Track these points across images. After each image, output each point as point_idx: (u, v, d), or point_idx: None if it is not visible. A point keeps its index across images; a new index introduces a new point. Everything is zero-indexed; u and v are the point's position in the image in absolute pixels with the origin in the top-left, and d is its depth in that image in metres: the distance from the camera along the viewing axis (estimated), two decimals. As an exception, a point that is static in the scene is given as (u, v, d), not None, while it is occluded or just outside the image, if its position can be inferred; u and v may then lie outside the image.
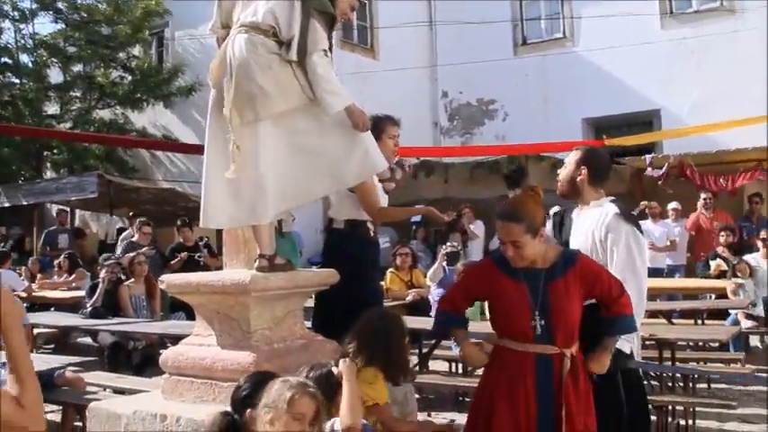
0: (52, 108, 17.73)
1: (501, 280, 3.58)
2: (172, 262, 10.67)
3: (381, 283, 8.43)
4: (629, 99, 16.23)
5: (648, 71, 16.17)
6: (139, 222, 11.30)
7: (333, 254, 4.94)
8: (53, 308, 10.69)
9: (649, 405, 4.55)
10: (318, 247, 5.64)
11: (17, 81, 17.56)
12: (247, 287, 3.91)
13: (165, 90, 16.82)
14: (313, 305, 4.99)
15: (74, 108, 17.51)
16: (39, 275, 12.14)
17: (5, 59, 17.36)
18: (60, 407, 5.98)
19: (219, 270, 4.87)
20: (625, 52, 15.86)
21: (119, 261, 9.77)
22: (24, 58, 17.67)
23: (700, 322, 8.37)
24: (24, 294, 10.13)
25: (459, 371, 7.26)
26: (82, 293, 9.94)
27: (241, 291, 3.95)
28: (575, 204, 4.33)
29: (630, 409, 3.92)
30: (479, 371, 4.27)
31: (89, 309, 8.89)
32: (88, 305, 8.98)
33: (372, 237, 5.06)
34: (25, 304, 8.59)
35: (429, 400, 6.87)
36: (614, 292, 3.55)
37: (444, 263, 8.87)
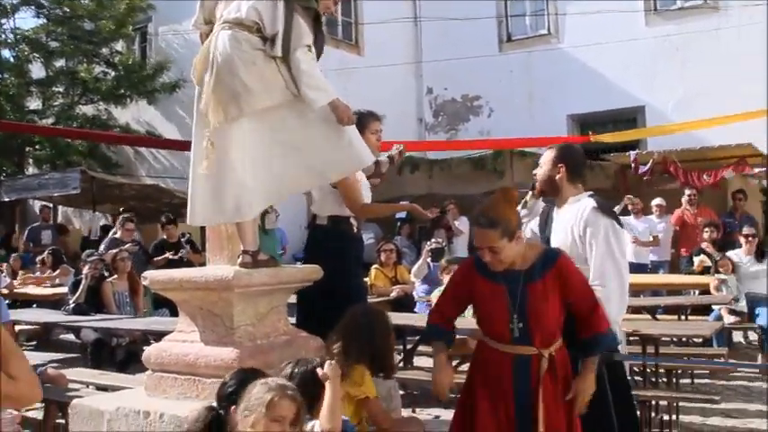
0: (34, 103, 17.57)
1: (480, 282, 3.58)
2: (155, 259, 10.61)
3: (365, 279, 8.43)
4: (613, 96, 16.28)
5: (633, 68, 16.23)
6: (123, 219, 11.23)
7: (316, 250, 4.92)
8: (35, 305, 10.62)
9: (634, 400, 4.56)
10: (303, 244, 5.61)
11: (-2, 76, 17.43)
12: (230, 283, 3.90)
13: (149, 86, 16.70)
14: (296, 301, 4.98)
15: (56, 104, 17.37)
16: (21, 272, 12.06)
17: (-14, 54, 17.23)
18: (42, 404, 5.92)
19: (203, 266, 4.85)
20: (610, 49, 15.90)
21: (102, 257, 9.70)
22: (6, 53, 17.48)
23: (683, 318, 8.41)
24: (6, 291, 10.06)
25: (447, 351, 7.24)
26: (65, 290, 9.87)
27: (224, 287, 3.94)
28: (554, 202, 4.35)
29: (616, 403, 3.93)
30: (465, 366, 4.27)
31: (72, 305, 8.84)
32: (71, 302, 8.92)
33: (356, 233, 5.05)
34: (7, 301, 8.52)
35: (414, 396, 6.86)
36: (588, 304, 3.51)
37: (429, 259, 8.88)
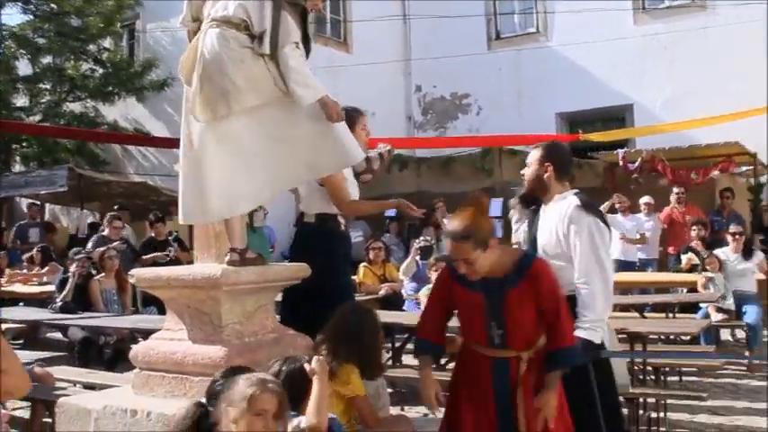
0: (21, 100, 17.47)
1: (458, 290, 3.61)
2: (143, 257, 10.58)
3: (354, 277, 8.43)
4: (602, 94, 16.31)
5: (621, 66, 16.27)
6: (110, 216, 11.20)
7: (303, 248, 4.90)
8: (22, 303, 10.56)
9: (620, 396, 4.58)
10: (291, 242, 5.59)
11: (-15, 73, 17.31)
12: (218, 281, 3.88)
13: (137, 83, 16.64)
14: (281, 299, 4.97)
15: (43, 101, 17.26)
16: (7, 270, 11.99)
17: (-27, 51, 17.11)
18: (29, 403, 5.90)
19: (191, 264, 4.84)
20: (598, 47, 15.93)
21: (89, 255, 9.67)
22: (-8, 49, 17.42)
23: (671, 316, 8.45)
24: (-7, 289, 10.03)
25: (433, 365, 7.25)
26: (52, 288, 9.83)
27: (212, 285, 3.92)
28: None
29: (602, 401, 3.95)
30: (451, 365, 4.28)
31: (59, 303, 8.79)
32: (58, 300, 8.88)
33: (343, 230, 5.04)
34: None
35: (402, 394, 6.86)
36: (553, 315, 3.48)
37: (417, 257, 8.88)
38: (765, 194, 13.14)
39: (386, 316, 6.39)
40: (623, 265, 11.01)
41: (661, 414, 6.13)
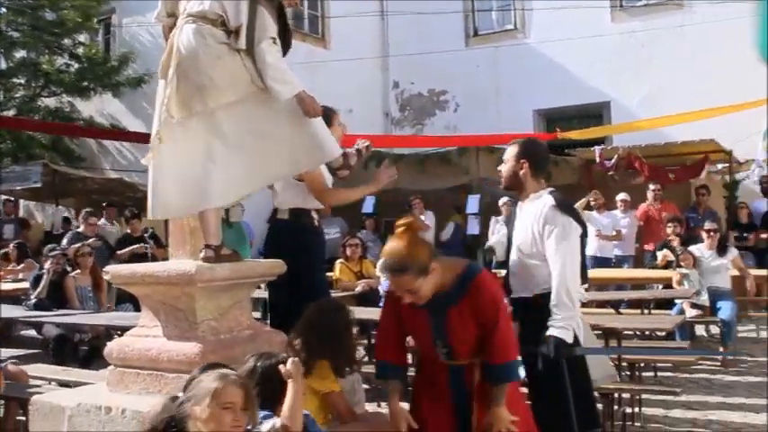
0: (-6, 95, 17.33)
1: (404, 309, 3.60)
2: (119, 252, 10.51)
3: (330, 273, 8.42)
4: (579, 91, 16.38)
5: (599, 63, 16.34)
6: (85, 213, 11.12)
7: (278, 244, 4.88)
8: (-5, 300, 10.46)
9: (595, 392, 4.61)
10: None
11: (-43, 67, 17.14)
12: (193, 278, 3.86)
13: (113, 79, 16.51)
14: (265, 295, 4.96)
15: (17, 96, 17.09)
16: (-18, 266, 11.87)
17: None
18: (2, 401, 5.84)
19: (166, 261, 4.81)
20: (576, 45, 16.00)
21: (64, 252, 9.59)
22: (-35, 43, 17.20)
23: (647, 312, 8.50)
24: (-35, 287, 9.90)
25: (409, 361, 7.26)
26: (26, 285, 9.73)
27: (187, 281, 3.90)
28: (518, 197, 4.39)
29: (575, 396, 3.98)
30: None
31: (33, 300, 8.71)
32: (32, 297, 8.80)
33: (317, 226, 5.03)
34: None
35: (378, 390, 6.84)
36: (489, 330, 3.46)
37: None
38: (741, 192, 13.24)
39: (362, 312, 6.39)
40: (599, 262, 11.10)
41: (636, 409, 6.18)
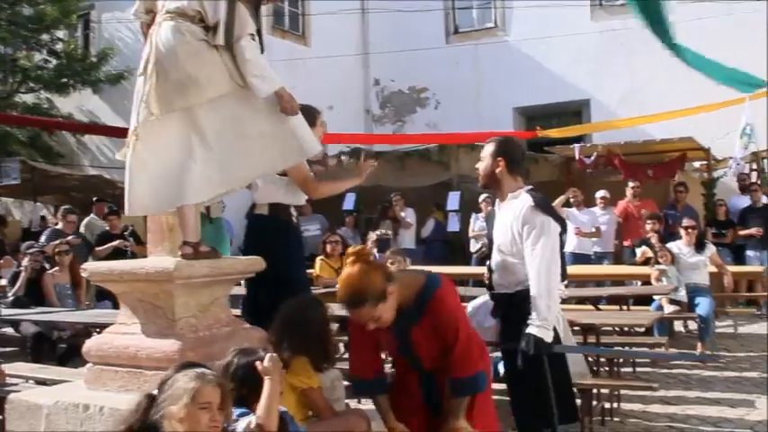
0: (-29, 91, 17.16)
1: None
2: (98, 249, 10.44)
3: (311, 270, 8.41)
4: (559, 89, 16.45)
5: (579, 62, 16.40)
6: (64, 210, 11.03)
7: (258, 240, 4.87)
8: (-27, 297, 10.38)
9: (573, 388, 4.64)
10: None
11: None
12: (172, 275, 3.84)
13: (93, 75, 16.40)
14: (244, 292, 4.95)
15: (-5, 92, 16.98)
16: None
17: None
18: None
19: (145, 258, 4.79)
20: (556, 43, 16.06)
21: (42, 249, 9.52)
22: (-59, 39, 17.01)
23: (625, 308, 8.55)
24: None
25: (389, 358, 7.27)
26: (4, 282, 9.68)
27: (165, 278, 3.88)
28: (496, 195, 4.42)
29: (555, 391, 4.01)
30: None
31: (10, 298, 8.66)
32: (9, 294, 8.75)
33: (296, 222, 5.03)
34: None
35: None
36: (450, 345, 3.47)
37: (374, 250, 8.86)
38: (718, 189, 13.34)
39: (342, 309, 6.38)
40: (579, 259, 11.15)
41: (614, 404, 6.22)
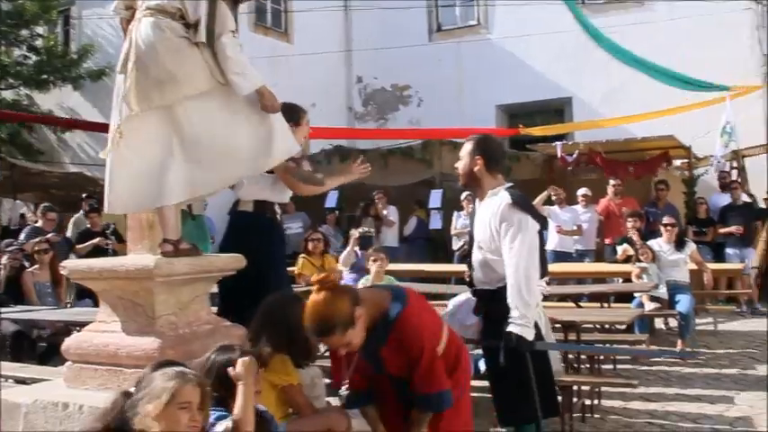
0: (-52, 87, 16.97)
1: None
2: (79, 246, 10.37)
3: (292, 268, 8.40)
4: (541, 87, 16.48)
5: (561, 60, 16.43)
6: (44, 207, 10.96)
7: (241, 237, 4.86)
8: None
9: (555, 385, 4.66)
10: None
11: None
12: (152, 272, 3.84)
13: (74, 72, 16.27)
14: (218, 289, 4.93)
15: (-28, 88, 16.80)
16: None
17: None
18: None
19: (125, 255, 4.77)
20: (538, 41, 16.09)
21: (22, 247, 9.45)
22: None
23: (606, 305, 8.60)
24: None
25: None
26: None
27: (145, 276, 3.88)
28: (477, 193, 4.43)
29: (538, 385, 4.04)
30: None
31: (-11, 296, 8.60)
32: (-12, 292, 8.68)
33: (280, 219, 5.03)
34: None
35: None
36: (416, 364, 3.45)
37: (356, 247, 8.86)
38: (699, 187, 13.43)
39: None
40: (560, 257, 11.19)
41: (595, 401, 6.26)
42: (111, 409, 2.88)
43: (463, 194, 11.57)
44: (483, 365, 4.61)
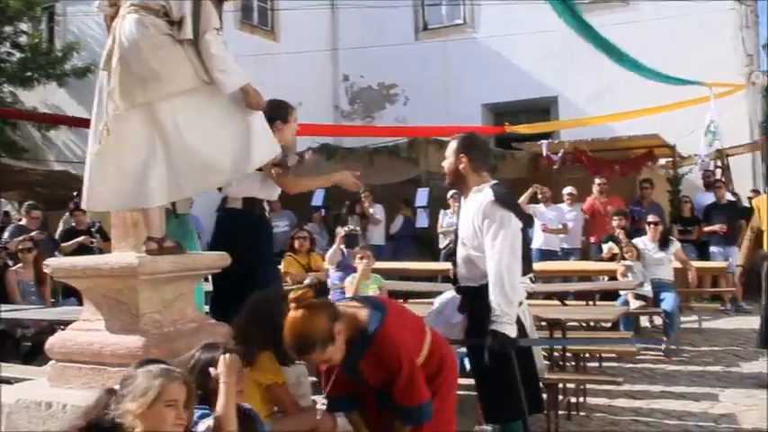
0: (-68, 85, 16.83)
1: None
2: (63, 244, 10.31)
3: (279, 266, 8.37)
4: (527, 86, 16.52)
5: (547, 59, 16.48)
6: (27, 206, 10.87)
7: (230, 234, 4.85)
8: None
9: (540, 383, 4.67)
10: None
11: None
12: (136, 270, 3.81)
13: (58, 69, 16.18)
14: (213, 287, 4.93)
15: (-43, 85, 16.68)
16: None
17: None
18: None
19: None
20: (524, 40, 16.11)
21: (5, 246, 9.38)
22: None
23: (592, 303, 8.62)
24: None
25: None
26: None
27: (129, 274, 3.85)
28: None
29: (523, 383, 4.05)
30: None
31: (-28, 295, 8.53)
32: (-29, 291, 8.61)
33: (268, 217, 5.02)
34: None
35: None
36: (395, 378, 3.43)
37: (342, 245, 8.85)
38: (684, 186, 13.50)
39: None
40: (546, 255, 11.22)
41: (580, 399, 6.28)
42: (95, 407, 2.86)
43: (449, 193, 11.57)
44: (468, 364, 4.61)
